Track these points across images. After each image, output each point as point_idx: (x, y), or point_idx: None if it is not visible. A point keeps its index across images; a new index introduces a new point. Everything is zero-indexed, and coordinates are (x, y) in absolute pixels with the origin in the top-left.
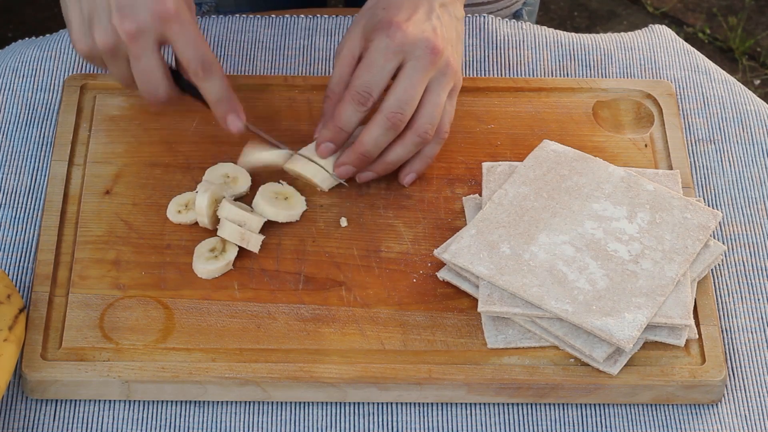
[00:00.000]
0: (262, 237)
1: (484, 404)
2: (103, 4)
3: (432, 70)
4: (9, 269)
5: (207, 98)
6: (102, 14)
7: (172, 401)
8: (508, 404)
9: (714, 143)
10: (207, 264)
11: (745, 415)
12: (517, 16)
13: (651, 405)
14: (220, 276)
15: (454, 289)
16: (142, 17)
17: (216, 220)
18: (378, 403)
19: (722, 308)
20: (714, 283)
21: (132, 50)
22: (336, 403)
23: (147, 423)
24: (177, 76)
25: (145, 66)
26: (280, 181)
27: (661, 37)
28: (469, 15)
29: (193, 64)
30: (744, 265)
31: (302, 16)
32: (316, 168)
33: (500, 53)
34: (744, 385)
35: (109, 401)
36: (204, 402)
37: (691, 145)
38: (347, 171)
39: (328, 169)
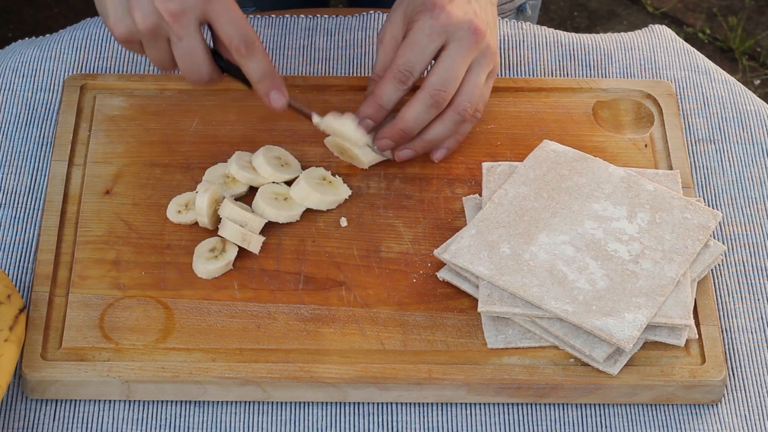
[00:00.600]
0: (262, 238)
1: (484, 404)
2: None
3: (474, 51)
4: (9, 269)
5: (250, 76)
6: None
7: (172, 401)
8: (508, 404)
9: (714, 143)
10: (207, 264)
11: (745, 415)
12: (521, 10)
13: (651, 405)
14: (220, 276)
15: (454, 289)
16: None
17: (216, 220)
18: (378, 403)
19: (722, 308)
20: (714, 283)
21: (175, 30)
22: (336, 403)
23: (147, 423)
24: (215, 57)
25: (188, 46)
26: (277, 182)
27: (661, 37)
28: None
29: (235, 41)
30: (744, 265)
31: (302, 16)
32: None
33: (500, 53)
34: (744, 385)
35: (109, 401)
36: (204, 402)
37: (691, 145)
38: (386, 144)
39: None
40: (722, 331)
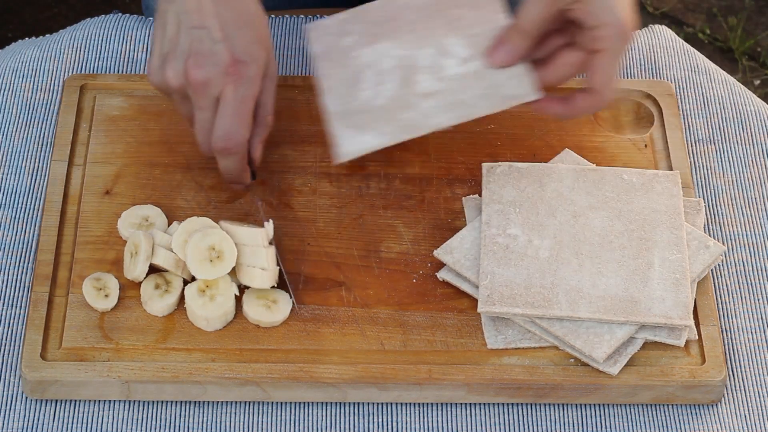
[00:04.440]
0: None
1: (484, 404)
2: (183, 46)
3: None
4: (9, 269)
5: (220, 169)
6: (179, 55)
7: (172, 401)
8: (508, 404)
9: (714, 144)
10: (160, 301)
11: (745, 415)
12: None
13: (651, 405)
14: None
15: (454, 289)
16: (213, 70)
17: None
18: (378, 404)
19: (722, 308)
20: (714, 283)
21: (196, 99)
22: (336, 403)
23: (147, 423)
24: None
25: (203, 119)
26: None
27: (661, 37)
28: None
29: (216, 134)
30: (744, 265)
31: (302, 16)
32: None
33: None
34: (744, 385)
35: (109, 401)
36: (204, 402)
37: (691, 146)
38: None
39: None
40: (722, 331)
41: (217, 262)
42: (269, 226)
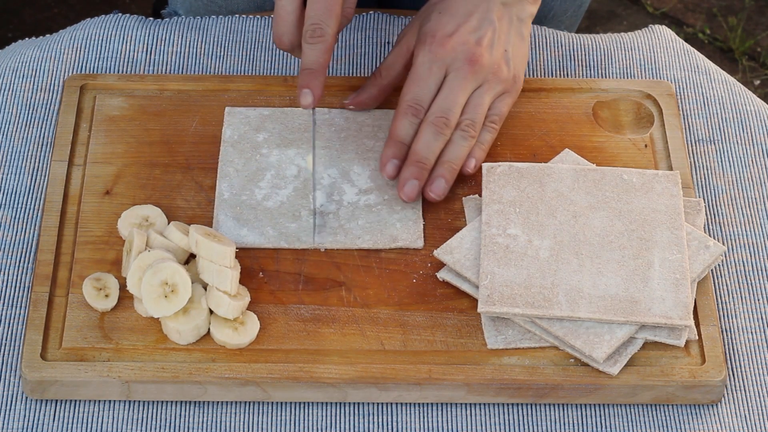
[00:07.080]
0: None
1: (484, 404)
2: None
3: (472, 80)
4: (9, 269)
5: (301, 61)
6: None
7: (172, 401)
8: (508, 404)
9: (714, 144)
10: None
11: (745, 416)
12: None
13: (651, 405)
14: None
15: (454, 289)
16: None
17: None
18: (378, 404)
19: (722, 308)
20: (714, 283)
21: None
22: (336, 403)
23: (147, 423)
24: None
25: (281, 4)
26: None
27: (661, 38)
28: None
29: (308, 22)
30: (744, 265)
31: None
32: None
33: None
34: (744, 385)
35: (109, 401)
36: (204, 402)
37: (691, 146)
38: (412, 187)
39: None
40: (722, 331)
41: (172, 296)
42: (226, 244)
